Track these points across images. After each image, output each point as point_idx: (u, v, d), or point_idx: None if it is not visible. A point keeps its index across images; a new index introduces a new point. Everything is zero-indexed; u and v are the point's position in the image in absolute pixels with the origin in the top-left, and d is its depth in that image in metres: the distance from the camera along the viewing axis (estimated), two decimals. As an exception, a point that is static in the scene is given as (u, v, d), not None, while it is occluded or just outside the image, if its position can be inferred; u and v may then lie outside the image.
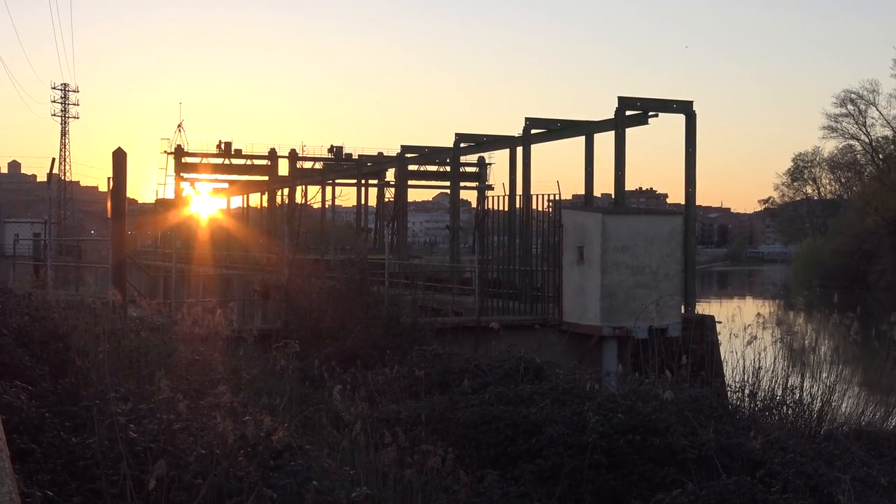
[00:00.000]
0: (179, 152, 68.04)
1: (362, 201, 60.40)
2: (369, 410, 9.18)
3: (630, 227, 20.55)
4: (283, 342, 10.54)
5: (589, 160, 27.18)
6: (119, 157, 15.37)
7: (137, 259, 31.16)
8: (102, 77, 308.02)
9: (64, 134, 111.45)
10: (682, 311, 21.48)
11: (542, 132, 29.05)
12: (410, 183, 51.60)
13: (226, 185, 68.23)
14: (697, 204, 25.89)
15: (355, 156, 59.82)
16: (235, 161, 68.15)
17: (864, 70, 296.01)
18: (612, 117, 25.46)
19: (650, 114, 25.62)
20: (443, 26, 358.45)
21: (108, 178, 15.97)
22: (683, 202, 25.43)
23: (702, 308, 27.16)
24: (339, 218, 65.05)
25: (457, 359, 12.37)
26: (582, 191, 27.77)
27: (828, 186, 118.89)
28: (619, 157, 25.21)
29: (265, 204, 59.65)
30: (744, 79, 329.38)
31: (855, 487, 8.13)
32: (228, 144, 67.76)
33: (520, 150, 29.08)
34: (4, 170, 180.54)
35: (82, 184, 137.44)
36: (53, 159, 26.38)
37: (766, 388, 11.69)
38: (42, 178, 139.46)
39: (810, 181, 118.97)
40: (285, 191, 53.48)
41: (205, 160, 67.62)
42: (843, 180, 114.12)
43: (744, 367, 11.93)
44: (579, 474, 8.42)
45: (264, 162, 67.41)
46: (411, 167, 47.87)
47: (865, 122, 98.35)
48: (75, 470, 5.68)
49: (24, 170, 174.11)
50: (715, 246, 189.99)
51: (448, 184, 47.55)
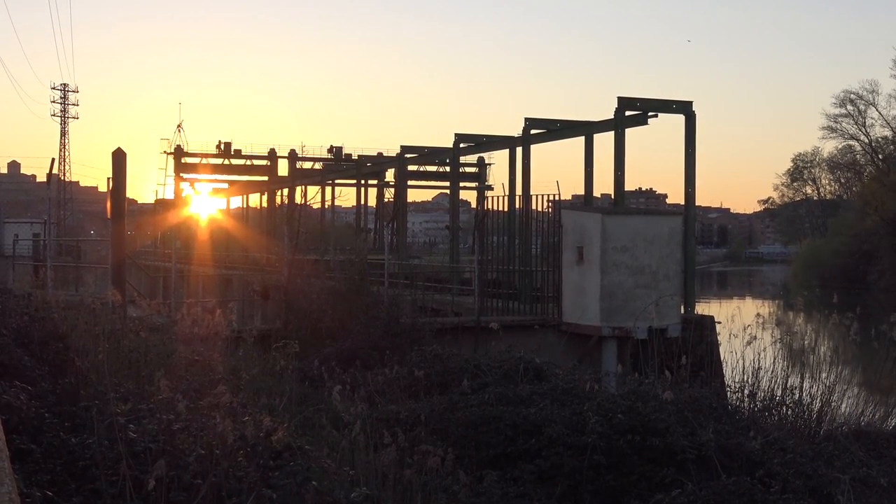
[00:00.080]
0: (179, 152, 68.04)
1: (362, 202, 60.48)
2: (369, 411, 9.18)
3: (630, 227, 20.56)
4: (283, 342, 10.54)
5: (588, 160, 27.19)
6: (118, 158, 15.35)
7: (137, 259, 31.14)
8: (102, 77, 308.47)
9: (63, 134, 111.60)
10: (682, 311, 21.49)
11: (541, 132, 29.05)
12: (410, 183, 51.61)
13: (225, 186, 68.26)
14: (697, 204, 25.90)
15: (355, 156, 59.80)
16: (235, 161, 68.17)
17: (863, 70, 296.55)
18: (611, 118, 25.47)
19: (650, 114, 25.63)
20: (442, 27, 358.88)
21: (108, 179, 15.95)
22: (683, 202, 25.45)
23: (701, 308, 27.14)
24: (338, 218, 65.10)
25: (456, 359, 12.37)
26: (581, 191, 27.81)
27: (827, 187, 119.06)
28: (619, 157, 25.22)
29: (265, 204, 59.69)
30: (743, 79, 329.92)
31: (854, 488, 8.13)
32: (228, 145, 67.79)
33: (519, 150, 29.09)
34: (4, 170, 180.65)
35: (82, 184, 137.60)
36: (53, 159, 26.37)
37: (766, 388, 11.70)
38: (41, 178, 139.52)
39: (810, 181, 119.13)
40: (285, 191, 53.50)
41: (204, 160, 67.63)
42: (842, 181, 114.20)
43: (743, 368, 11.94)
44: (579, 474, 8.42)
45: (264, 162, 67.42)
46: (411, 167, 47.90)
47: (865, 122, 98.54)
48: (75, 470, 5.68)
49: (23, 170, 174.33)
50: (714, 246, 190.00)
51: (448, 184, 47.62)
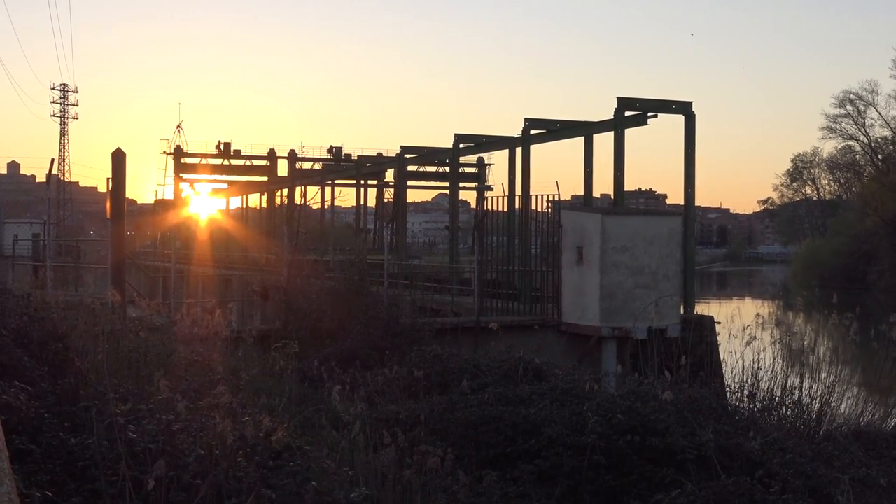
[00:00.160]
0: (178, 153, 68.05)
1: (361, 202, 60.46)
2: (368, 411, 9.18)
3: (629, 227, 20.56)
4: (283, 343, 10.53)
5: (588, 161, 27.19)
6: (118, 158, 15.35)
7: (137, 259, 31.13)
8: (102, 77, 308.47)
9: (63, 134, 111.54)
10: (682, 311, 21.49)
11: (541, 133, 29.06)
12: (409, 183, 51.63)
13: (225, 186, 68.27)
14: (697, 204, 25.90)
15: (354, 156, 59.81)
16: (234, 162, 68.20)
17: (863, 71, 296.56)
18: (611, 118, 25.48)
19: (649, 114, 25.63)
20: (442, 27, 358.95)
21: (108, 179, 15.95)
22: (682, 203, 25.46)
23: (701, 308, 27.13)
24: (338, 218, 65.13)
25: (456, 359, 12.36)
26: (581, 191, 27.81)
27: (827, 187, 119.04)
28: (619, 157, 25.23)
29: (264, 204, 59.68)
30: (743, 79, 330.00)
31: (854, 488, 8.13)
32: (227, 145, 67.81)
33: (519, 150, 29.09)
34: (3, 170, 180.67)
35: (81, 184, 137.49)
36: (52, 160, 26.42)
37: (766, 388, 11.69)
38: (41, 178, 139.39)
39: (809, 182, 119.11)
40: (284, 191, 53.47)
41: (204, 161, 67.66)
42: (842, 181, 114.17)
43: (743, 368, 11.93)
44: (578, 475, 8.42)
45: (263, 162, 67.45)
46: (410, 168, 47.91)
47: (864, 122, 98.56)
48: (74, 470, 5.68)
49: (23, 170, 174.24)
50: (714, 246, 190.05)
51: (447, 184, 47.62)
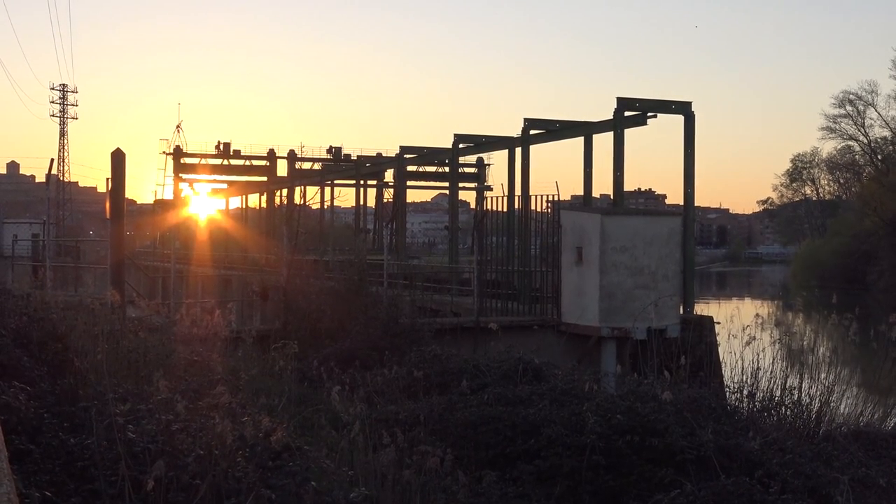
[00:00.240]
0: (178, 153, 68.09)
1: (361, 202, 60.45)
2: (368, 411, 9.18)
3: (629, 227, 20.56)
4: (282, 343, 10.55)
5: (588, 161, 27.20)
6: (118, 158, 15.34)
7: (136, 260, 31.15)
8: (101, 78, 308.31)
9: (63, 135, 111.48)
10: (681, 311, 21.50)
11: (540, 133, 29.06)
12: (409, 183, 51.63)
13: (224, 186, 68.32)
14: (696, 205, 25.91)
15: (354, 156, 59.85)
16: (234, 162, 68.25)
17: (862, 71, 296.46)
18: (610, 118, 25.49)
19: (649, 114, 25.64)
20: (441, 27, 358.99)
21: (107, 179, 15.95)
22: (682, 203, 25.47)
23: (700, 309, 27.14)
24: (337, 219, 65.17)
25: (455, 359, 12.36)
26: (581, 191, 27.81)
27: (826, 187, 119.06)
28: (618, 157, 25.23)
29: (264, 205, 59.71)
30: (742, 79, 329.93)
31: (853, 488, 8.13)
32: (227, 145, 67.85)
33: (518, 150, 29.10)
34: (3, 170, 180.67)
35: (81, 184, 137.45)
36: (52, 160, 26.50)
37: (765, 388, 11.69)
38: (41, 178, 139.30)
39: (809, 182, 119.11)
40: (284, 191, 53.51)
41: (203, 161, 67.71)
42: (841, 181, 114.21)
43: (742, 368, 11.93)
44: (578, 475, 8.42)
45: (263, 163, 67.49)
46: (410, 168, 47.90)
47: (864, 122, 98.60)
48: (74, 470, 5.68)
49: (22, 170, 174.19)
50: (714, 247, 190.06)
51: (447, 184, 47.62)
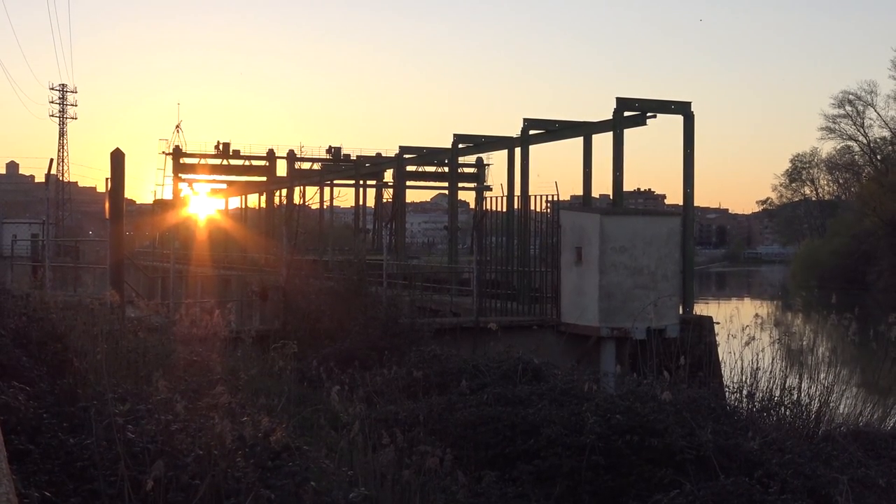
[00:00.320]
0: (178, 153, 68.07)
1: (360, 202, 60.46)
2: (367, 411, 9.18)
3: (628, 227, 20.57)
4: (281, 343, 10.54)
5: (587, 161, 27.21)
6: (117, 158, 15.33)
7: (136, 260, 31.13)
8: (101, 78, 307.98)
9: (62, 135, 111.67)
10: (681, 311, 21.52)
11: (540, 133, 29.08)
12: (408, 184, 51.63)
13: (224, 186, 68.33)
14: (696, 205, 25.93)
15: (353, 156, 59.87)
16: (234, 162, 68.25)
17: (862, 71, 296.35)
18: (610, 118, 25.50)
19: (648, 115, 25.66)
20: (441, 27, 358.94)
21: (106, 179, 15.92)
22: (681, 203, 25.49)
23: (700, 309, 27.17)
24: (337, 219, 65.16)
25: (455, 359, 12.36)
26: (580, 191, 27.82)
27: (826, 187, 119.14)
28: (618, 157, 25.25)
29: (263, 205, 59.73)
30: (742, 79, 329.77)
31: (853, 488, 8.13)
32: (227, 145, 67.84)
33: (518, 150, 29.11)
34: (2, 170, 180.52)
35: (80, 184, 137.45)
36: (51, 160, 26.48)
37: (764, 388, 11.69)
38: (40, 178, 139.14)
39: (808, 182, 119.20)
40: (283, 191, 53.52)
41: (203, 161, 67.69)
42: (841, 181, 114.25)
43: (742, 368, 11.93)
44: (577, 475, 8.41)
45: (262, 163, 67.49)
46: (409, 168, 47.90)
47: (863, 123, 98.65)
48: (73, 471, 5.68)
49: (22, 170, 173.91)
50: (713, 247, 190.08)
51: (446, 184, 47.60)
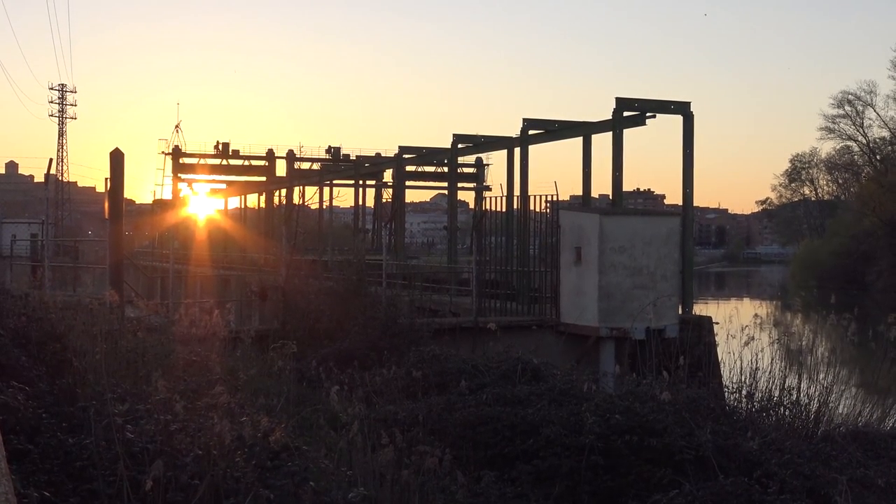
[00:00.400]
0: (177, 153, 68.03)
1: (360, 202, 60.43)
2: (367, 411, 9.18)
3: (627, 227, 20.57)
4: (281, 343, 10.53)
5: (586, 161, 27.21)
6: (116, 158, 15.33)
7: (135, 260, 31.13)
8: (100, 78, 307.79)
9: (61, 134, 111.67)
10: (680, 311, 21.51)
11: (539, 133, 29.08)
12: (408, 184, 51.65)
13: (223, 186, 68.29)
14: (695, 205, 25.93)
15: (353, 156, 59.82)
16: (233, 162, 68.21)
17: (861, 71, 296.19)
18: (609, 118, 25.51)
19: (648, 115, 25.66)
20: (440, 27, 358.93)
21: (106, 179, 15.92)
22: (681, 203, 25.48)
23: (699, 309, 27.17)
24: (336, 219, 65.08)
25: (454, 359, 12.37)
26: (580, 192, 27.82)
27: (825, 187, 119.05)
28: (617, 157, 25.25)
29: (263, 205, 59.71)
30: (741, 80, 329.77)
31: (852, 488, 8.14)
32: (226, 145, 67.81)
33: (517, 150, 29.11)
34: (2, 170, 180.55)
35: (80, 184, 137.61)
36: (51, 160, 26.45)
37: (764, 388, 11.69)
38: (39, 178, 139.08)
39: (808, 182, 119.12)
40: (283, 191, 53.47)
41: (202, 161, 67.66)
42: (840, 181, 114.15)
43: (741, 368, 11.93)
44: (576, 475, 8.42)
45: (262, 163, 67.46)
46: (409, 168, 47.90)
47: (863, 123, 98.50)
48: (72, 470, 5.68)
49: (21, 170, 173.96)
50: (712, 247, 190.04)
51: (446, 185, 47.59)
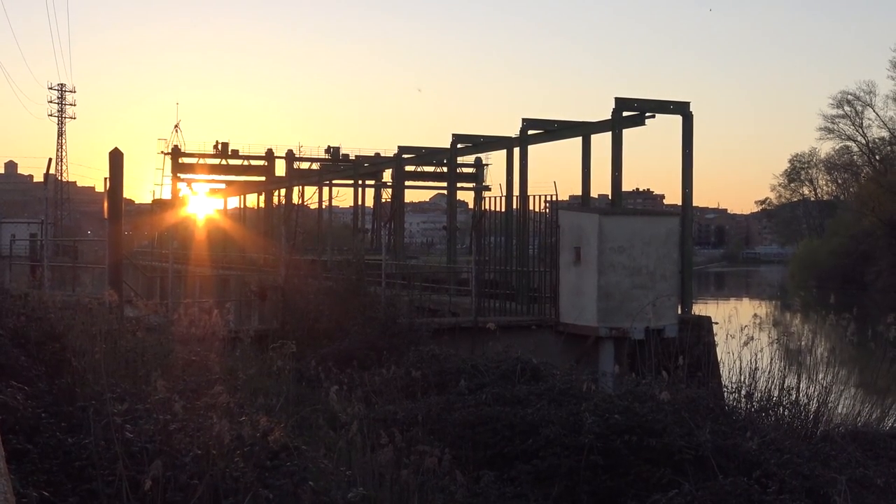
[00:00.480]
0: (176, 153, 68.03)
1: (359, 202, 60.44)
2: (366, 411, 9.19)
3: (627, 227, 20.57)
4: (280, 343, 10.53)
5: (586, 161, 27.22)
6: (116, 158, 15.33)
7: (134, 260, 31.12)
8: (99, 78, 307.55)
9: (61, 134, 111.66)
10: (679, 311, 21.51)
11: (539, 133, 29.08)
12: (407, 184, 51.63)
13: (223, 186, 68.26)
14: (694, 205, 25.94)
15: (352, 156, 59.92)
16: (232, 161, 68.23)
17: (860, 71, 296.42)
18: (608, 118, 25.51)
19: (647, 115, 25.66)
20: (440, 27, 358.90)
21: (105, 179, 15.91)
22: (680, 203, 25.48)
23: (698, 309, 27.16)
24: (335, 219, 65.07)
25: (453, 359, 12.37)
26: (579, 192, 27.82)
27: (824, 187, 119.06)
28: (616, 157, 25.25)
29: (262, 204, 59.69)
30: (741, 80, 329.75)
31: (851, 488, 8.14)
32: (225, 145, 67.81)
33: (517, 150, 29.12)
34: (1, 170, 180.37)
35: (79, 184, 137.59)
36: (50, 159, 26.37)
37: (763, 388, 11.69)
38: (39, 178, 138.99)
39: (807, 182, 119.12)
40: (282, 191, 53.45)
41: (202, 161, 67.66)
42: (839, 181, 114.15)
43: (740, 368, 11.93)
44: (576, 475, 8.42)
45: (261, 162, 67.48)
46: (408, 168, 47.88)
47: (862, 123, 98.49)
48: (71, 470, 5.68)
49: (20, 170, 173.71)
50: (712, 247, 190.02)
51: (445, 185, 47.58)
